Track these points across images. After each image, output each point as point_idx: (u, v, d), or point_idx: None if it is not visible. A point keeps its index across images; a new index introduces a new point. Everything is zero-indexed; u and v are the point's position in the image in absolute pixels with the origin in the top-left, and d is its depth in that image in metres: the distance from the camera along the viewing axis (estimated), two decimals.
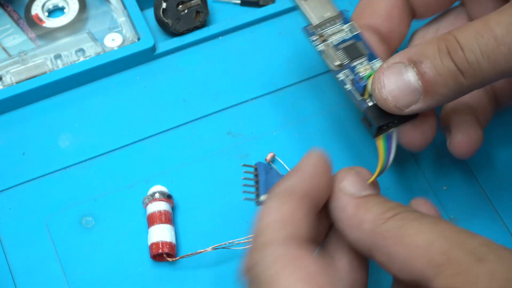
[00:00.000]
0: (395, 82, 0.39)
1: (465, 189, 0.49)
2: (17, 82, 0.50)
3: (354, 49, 0.42)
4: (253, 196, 0.41)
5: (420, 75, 0.38)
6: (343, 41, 0.43)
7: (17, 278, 0.45)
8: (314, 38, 0.43)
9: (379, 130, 0.40)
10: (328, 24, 0.43)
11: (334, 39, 0.43)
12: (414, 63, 0.39)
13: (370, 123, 0.40)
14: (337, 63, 0.42)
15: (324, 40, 0.43)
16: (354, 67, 0.42)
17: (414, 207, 0.39)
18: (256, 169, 0.41)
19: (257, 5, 0.54)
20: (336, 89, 0.52)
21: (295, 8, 0.54)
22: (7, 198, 0.48)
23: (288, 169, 0.48)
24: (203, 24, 0.53)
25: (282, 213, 0.36)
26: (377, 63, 0.42)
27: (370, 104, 0.41)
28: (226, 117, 0.51)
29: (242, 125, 0.50)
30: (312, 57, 0.52)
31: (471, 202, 0.48)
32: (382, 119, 0.40)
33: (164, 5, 0.52)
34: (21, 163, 0.49)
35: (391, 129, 0.41)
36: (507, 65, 0.37)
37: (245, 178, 0.41)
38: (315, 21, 0.43)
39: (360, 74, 0.41)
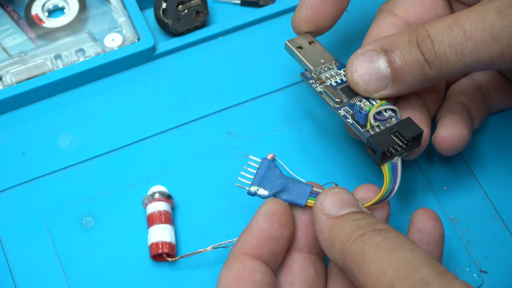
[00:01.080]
0: (367, 67, 0.42)
1: (465, 189, 0.48)
2: (17, 82, 0.50)
3: (351, 89, 0.44)
4: (247, 185, 0.42)
5: (390, 63, 0.41)
6: (341, 82, 0.44)
7: (17, 278, 0.45)
8: (312, 82, 0.44)
9: (384, 157, 0.41)
10: (325, 68, 0.45)
11: (332, 81, 0.44)
12: (385, 52, 0.41)
13: (374, 150, 0.41)
14: (337, 99, 0.43)
15: (322, 83, 0.44)
16: (353, 104, 0.43)
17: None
18: (260, 163, 0.42)
19: (257, 5, 0.54)
20: None
21: (294, 8, 0.54)
22: (7, 198, 0.48)
23: (288, 169, 0.48)
24: (203, 24, 0.53)
25: (231, 275, 0.39)
26: (375, 100, 0.43)
27: (372, 133, 0.41)
28: (226, 117, 0.51)
29: (242, 125, 0.50)
30: None
31: (471, 202, 0.48)
32: (385, 145, 0.40)
33: (164, 5, 0.52)
34: (21, 163, 0.49)
35: (395, 157, 0.41)
36: (472, 58, 0.39)
37: (246, 168, 0.42)
38: (311, 67, 0.45)
39: (359, 108, 0.42)
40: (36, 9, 0.53)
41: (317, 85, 0.44)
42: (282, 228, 0.40)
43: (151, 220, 0.46)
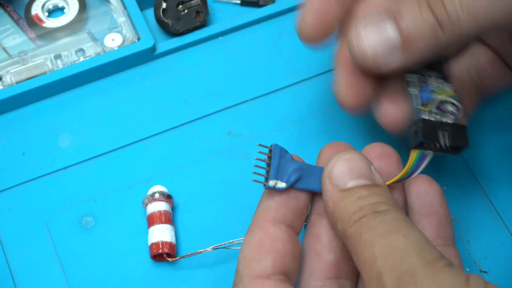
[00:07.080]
0: (372, 36, 0.39)
1: (465, 189, 0.49)
2: (17, 82, 0.50)
3: (435, 64, 0.42)
4: (262, 178, 0.39)
5: (399, 28, 0.38)
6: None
7: (17, 278, 0.45)
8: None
9: (420, 145, 0.40)
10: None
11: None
12: (393, 16, 0.39)
13: (416, 133, 0.40)
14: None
15: None
16: (427, 77, 0.41)
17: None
18: (270, 151, 0.39)
19: (257, 5, 0.54)
20: None
21: (295, 8, 0.54)
22: (7, 198, 0.48)
23: None
24: (203, 24, 0.53)
25: (253, 244, 0.37)
26: (448, 88, 0.42)
27: (426, 117, 0.40)
28: (226, 117, 0.51)
29: (242, 125, 0.50)
30: (312, 57, 0.52)
31: (471, 202, 0.48)
32: (430, 137, 0.39)
33: (164, 5, 0.52)
34: (21, 163, 0.49)
35: (429, 151, 0.40)
36: (485, 17, 0.38)
37: (257, 159, 0.39)
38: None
39: (432, 87, 0.41)
40: (36, 9, 0.53)
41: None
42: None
43: (151, 220, 0.46)
